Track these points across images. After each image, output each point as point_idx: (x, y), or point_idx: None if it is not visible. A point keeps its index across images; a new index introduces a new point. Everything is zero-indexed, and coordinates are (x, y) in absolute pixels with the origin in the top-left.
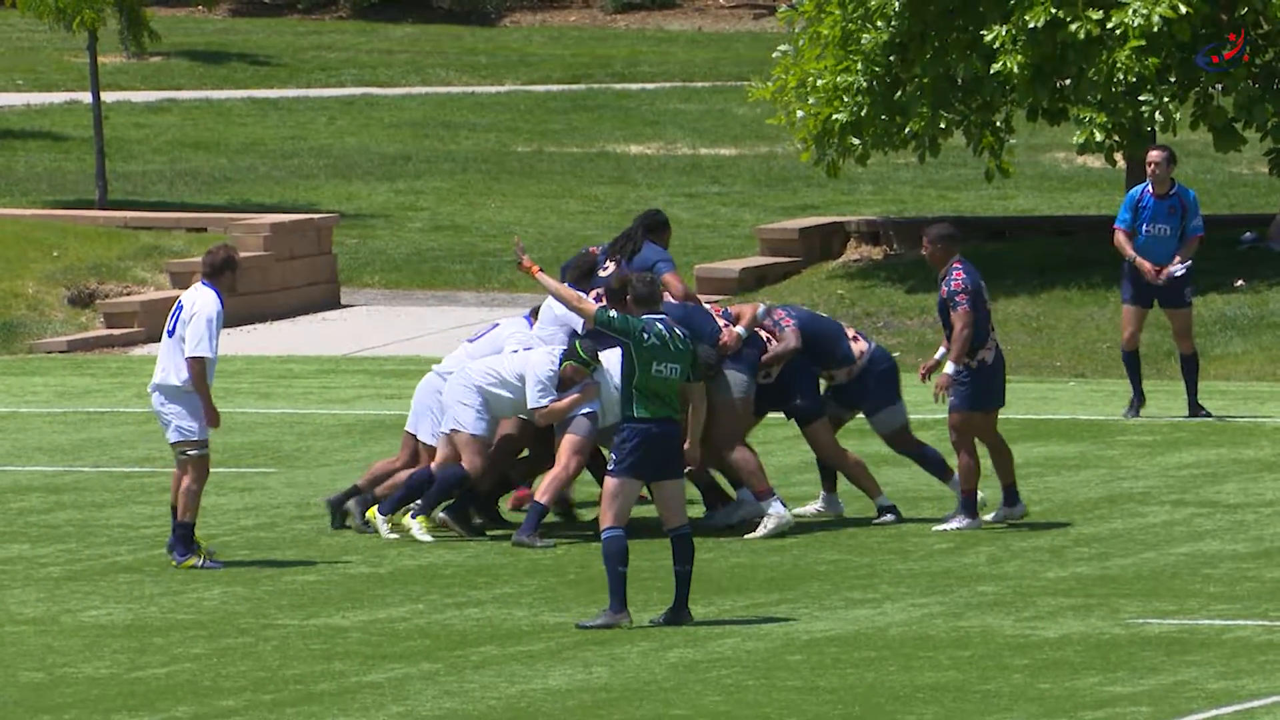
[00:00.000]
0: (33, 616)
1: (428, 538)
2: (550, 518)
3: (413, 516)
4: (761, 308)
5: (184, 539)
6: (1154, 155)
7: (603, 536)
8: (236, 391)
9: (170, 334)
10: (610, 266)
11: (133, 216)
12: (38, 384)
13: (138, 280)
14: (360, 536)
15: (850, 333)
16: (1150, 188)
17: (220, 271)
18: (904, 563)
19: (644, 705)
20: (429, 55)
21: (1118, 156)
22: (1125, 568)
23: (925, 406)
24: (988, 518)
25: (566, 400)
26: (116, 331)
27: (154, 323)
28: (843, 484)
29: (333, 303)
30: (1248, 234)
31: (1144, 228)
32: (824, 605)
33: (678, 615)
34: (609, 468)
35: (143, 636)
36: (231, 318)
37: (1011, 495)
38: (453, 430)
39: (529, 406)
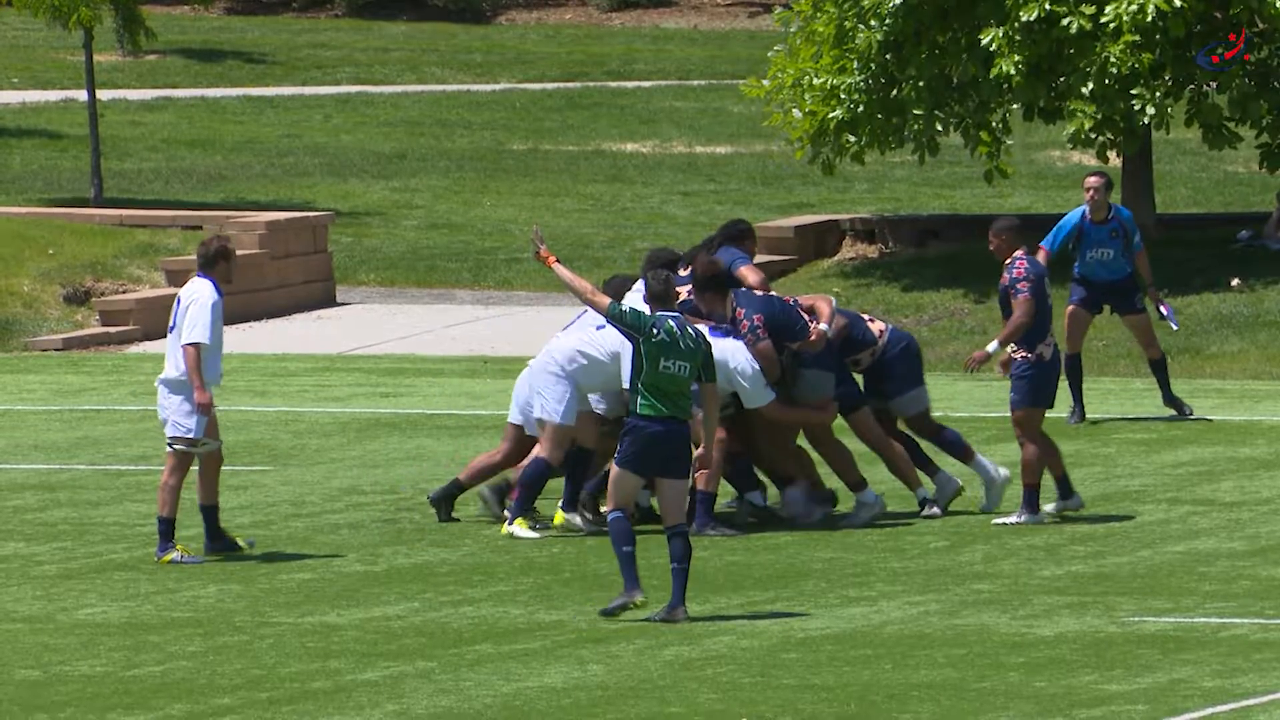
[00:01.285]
0: (28, 614)
1: (533, 534)
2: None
3: (509, 521)
4: (834, 301)
5: (165, 534)
6: (1091, 181)
7: (608, 520)
8: (232, 389)
9: (172, 329)
10: (685, 272)
11: (128, 214)
12: (33, 382)
13: (133, 278)
14: (354, 534)
15: (865, 316)
16: (1089, 214)
17: (214, 262)
18: (900, 561)
19: (640, 703)
20: (424, 53)
21: (1111, 154)
22: (1121, 566)
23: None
24: (1048, 508)
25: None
26: (112, 329)
27: (150, 320)
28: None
29: (328, 301)
30: (1244, 232)
31: (1088, 254)
32: (819, 603)
33: (673, 613)
34: (615, 458)
35: (138, 634)
36: (228, 316)
37: (1066, 488)
38: (538, 420)
39: (751, 406)
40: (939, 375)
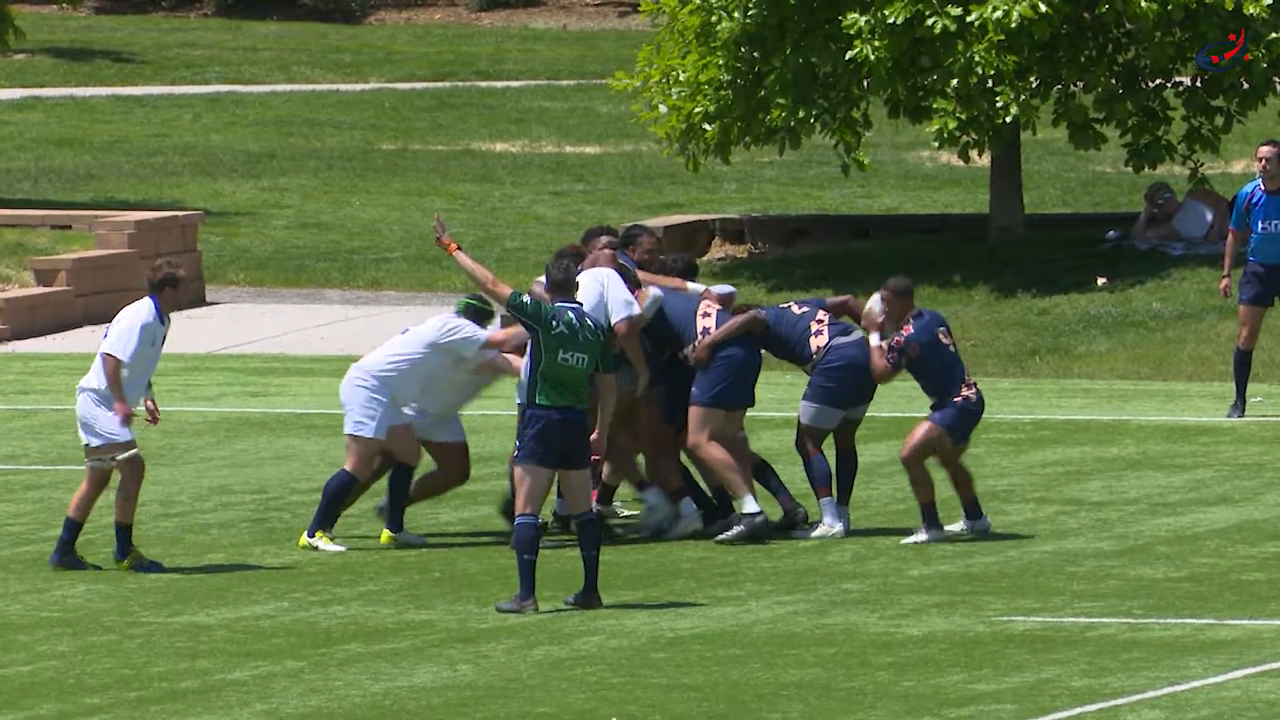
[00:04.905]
0: None
1: (336, 548)
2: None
3: (309, 534)
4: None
5: (124, 541)
6: (1264, 151)
7: (515, 523)
8: None
9: (105, 337)
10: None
11: None
12: None
13: (1, 278)
14: (224, 533)
15: (816, 328)
16: (1261, 184)
17: (159, 287)
18: (769, 560)
19: (509, 703)
20: (294, 53)
21: (976, 154)
22: (989, 565)
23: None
24: (956, 527)
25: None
26: None
27: (18, 320)
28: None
29: (197, 300)
30: (1112, 232)
31: (1259, 225)
32: (689, 603)
33: (588, 599)
34: (516, 455)
35: (6, 634)
36: (96, 315)
37: (975, 510)
38: (348, 435)
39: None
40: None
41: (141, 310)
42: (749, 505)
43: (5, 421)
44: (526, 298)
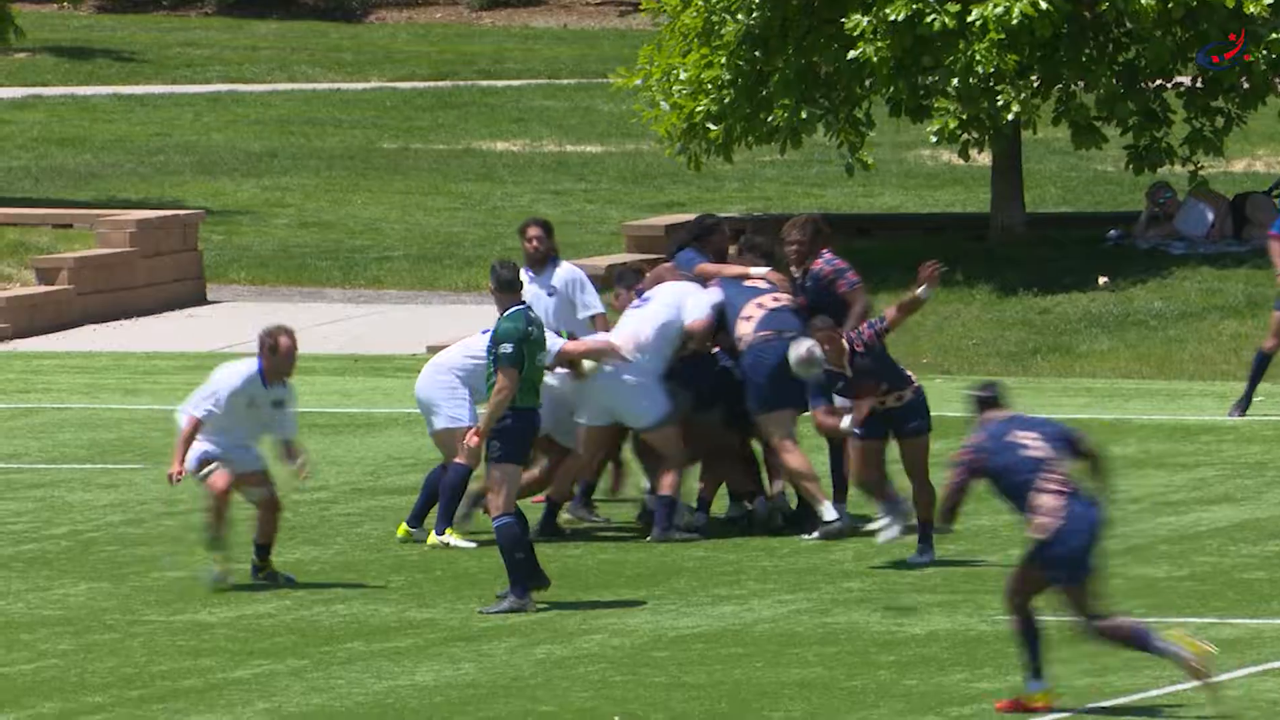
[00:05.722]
0: None
1: (469, 544)
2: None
3: (439, 532)
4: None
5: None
6: None
7: (495, 525)
8: (103, 388)
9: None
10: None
11: None
12: None
13: (2, 277)
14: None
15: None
16: None
17: (261, 351)
18: (771, 559)
19: (511, 701)
20: (295, 52)
21: (975, 152)
22: (992, 564)
23: None
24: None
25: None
26: None
27: (19, 320)
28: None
29: (199, 299)
30: (1113, 231)
31: None
32: (691, 601)
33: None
34: (494, 457)
35: (8, 633)
36: (97, 314)
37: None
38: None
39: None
40: None
41: (233, 371)
42: (828, 513)
43: (6, 420)
44: (508, 347)
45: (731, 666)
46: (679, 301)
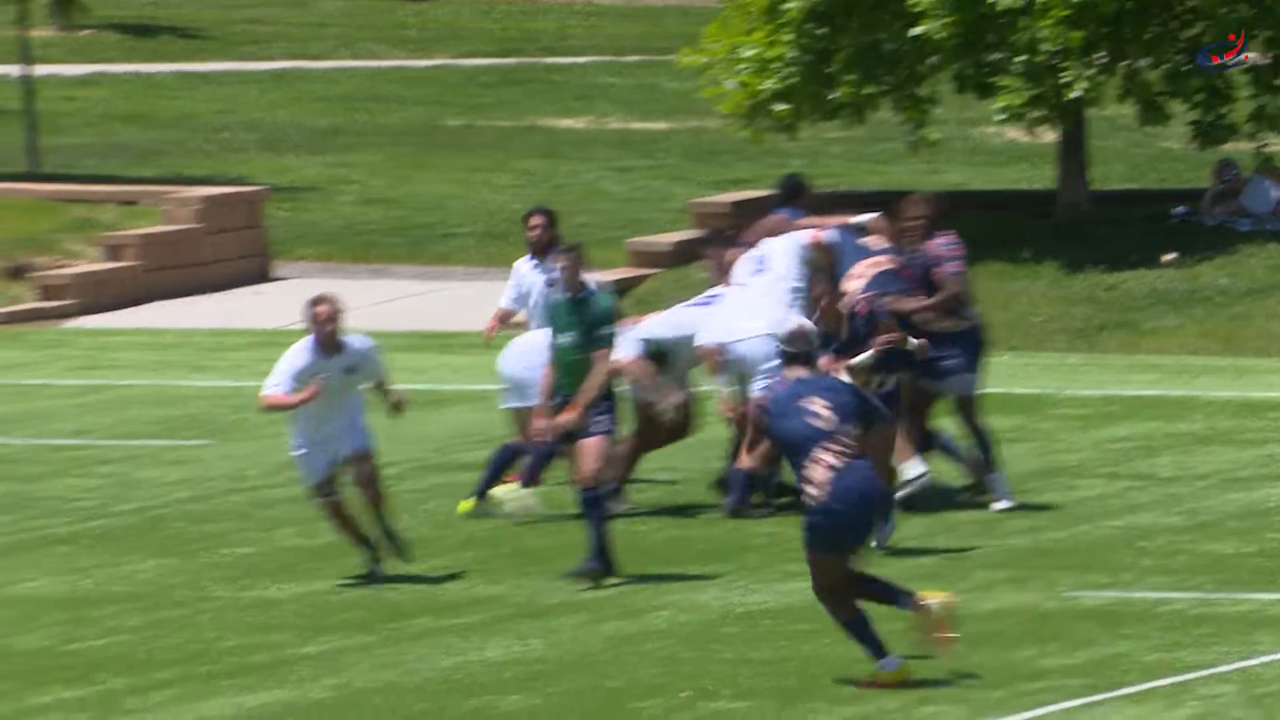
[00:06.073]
0: None
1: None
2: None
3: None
4: None
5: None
6: None
7: (586, 496)
8: (170, 364)
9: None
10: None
11: (64, 190)
12: None
13: (69, 253)
14: (293, 507)
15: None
16: None
17: (308, 324)
18: None
19: (579, 677)
20: (359, 29)
21: (1043, 130)
22: (1060, 541)
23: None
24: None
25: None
26: (50, 304)
27: (86, 296)
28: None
29: (265, 276)
30: (1180, 208)
31: None
32: (760, 578)
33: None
34: (594, 431)
35: (78, 609)
36: (163, 291)
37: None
38: None
39: None
40: None
41: (293, 350)
42: (912, 469)
43: (75, 397)
44: (611, 328)
45: (800, 642)
46: (698, 324)
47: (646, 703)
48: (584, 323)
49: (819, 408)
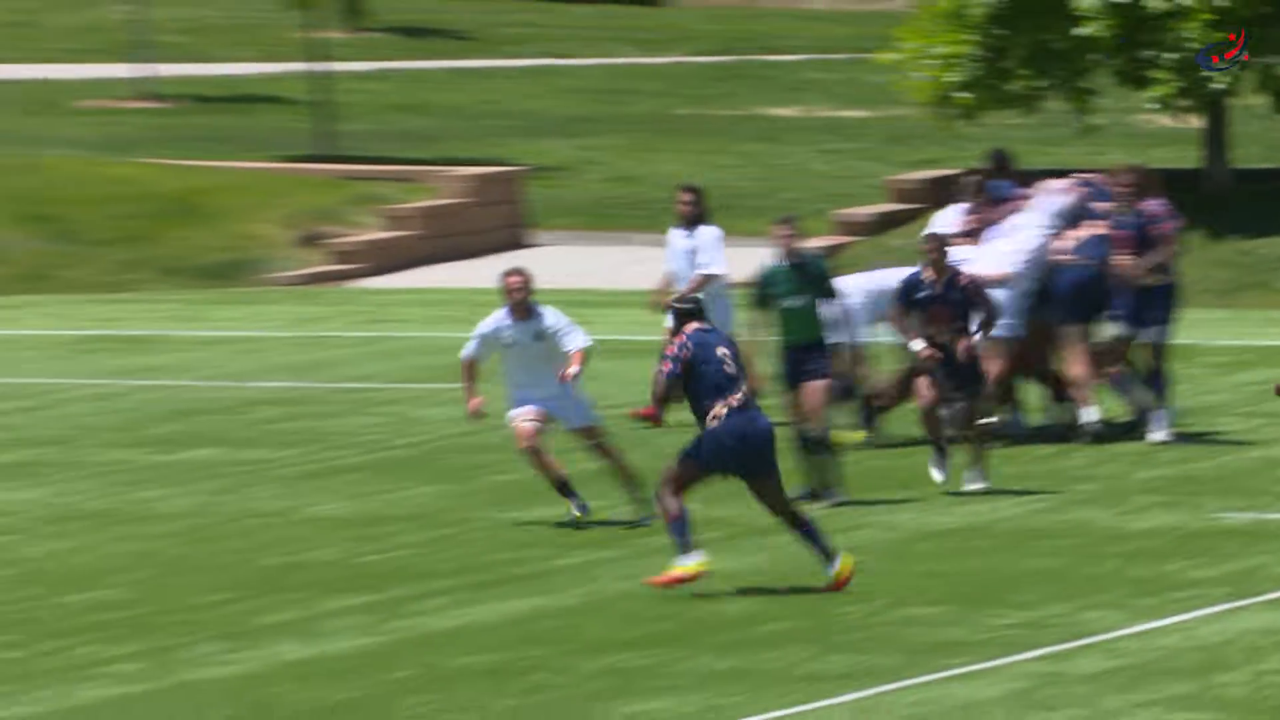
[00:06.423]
0: (271, 510)
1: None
2: None
3: None
4: None
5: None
6: None
7: (810, 435)
8: (441, 319)
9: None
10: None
11: (351, 169)
12: (273, 312)
13: (354, 224)
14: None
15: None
16: None
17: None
18: (1013, 466)
19: (793, 586)
20: (603, 31)
21: (1189, 117)
22: (1205, 470)
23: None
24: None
25: None
26: (340, 267)
27: (372, 259)
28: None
29: (523, 243)
30: None
31: None
32: (946, 501)
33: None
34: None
35: (365, 527)
36: (437, 256)
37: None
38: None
39: None
40: None
41: (489, 318)
42: (1087, 415)
43: (360, 347)
44: None
45: (979, 557)
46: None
47: (850, 609)
48: (807, 283)
49: (726, 357)
